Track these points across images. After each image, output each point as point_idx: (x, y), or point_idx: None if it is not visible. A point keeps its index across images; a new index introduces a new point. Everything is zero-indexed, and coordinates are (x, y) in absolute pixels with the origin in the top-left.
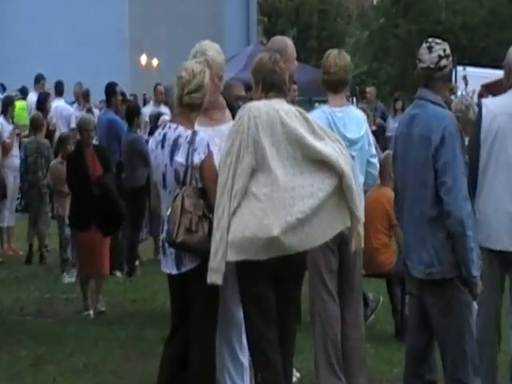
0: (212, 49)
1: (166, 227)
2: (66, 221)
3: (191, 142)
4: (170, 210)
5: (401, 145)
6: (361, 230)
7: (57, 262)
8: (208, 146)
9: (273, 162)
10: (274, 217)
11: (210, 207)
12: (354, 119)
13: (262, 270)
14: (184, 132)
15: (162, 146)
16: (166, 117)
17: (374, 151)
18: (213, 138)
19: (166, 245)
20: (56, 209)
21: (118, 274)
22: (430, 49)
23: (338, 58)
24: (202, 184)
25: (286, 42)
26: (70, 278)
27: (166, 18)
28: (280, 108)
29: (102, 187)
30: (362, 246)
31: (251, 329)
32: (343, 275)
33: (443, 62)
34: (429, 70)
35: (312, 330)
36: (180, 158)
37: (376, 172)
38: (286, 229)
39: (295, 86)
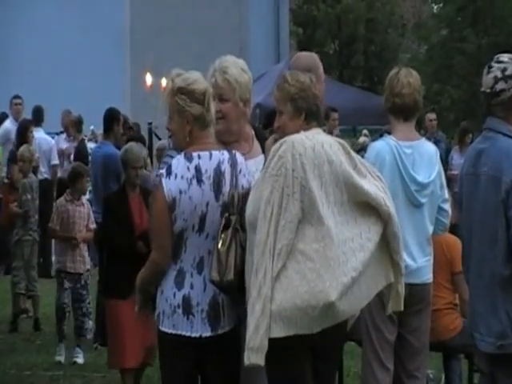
0: (235, 66)
1: (212, 265)
2: (67, 284)
3: (233, 163)
4: (220, 245)
5: (466, 188)
6: (401, 287)
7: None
8: (247, 166)
9: (323, 211)
10: (329, 278)
11: None
12: (425, 156)
13: (304, 344)
14: (221, 155)
15: (199, 182)
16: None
17: (446, 195)
18: None
19: (197, 300)
20: (62, 263)
21: None
22: (488, 68)
23: (410, 76)
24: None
25: (316, 59)
26: (77, 358)
27: (176, 28)
28: (324, 141)
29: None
30: (402, 308)
31: None
32: (402, 342)
33: (499, 86)
34: (485, 94)
35: None
36: (228, 186)
37: (447, 220)
38: (341, 292)
39: (335, 114)
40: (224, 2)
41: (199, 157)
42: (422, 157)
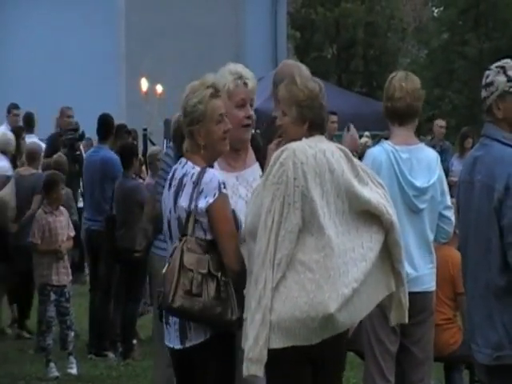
0: (249, 73)
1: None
2: (53, 296)
3: (197, 181)
4: (165, 267)
5: (462, 196)
6: (404, 299)
7: (31, 339)
8: (220, 186)
9: (324, 221)
10: (329, 290)
11: (218, 265)
12: (423, 161)
13: (303, 356)
14: (191, 169)
15: (169, 186)
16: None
17: (448, 202)
18: (237, 187)
19: None
20: (47, 276)
21: (111, 355)
22: (486, 75)
23: (404, 81)
24: (213, 236)
25: (301, 68)
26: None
27: (172, 33)
28: (326, 148)
29: None
30: (406, 320)
31: None
32: (406, 353)
33: (483, 94)
34: (482, 101)
35: None
36: (183, 201)
37: (450, 228)
38: (342, 303)
39: (334, 117)
40: (221, 5)
41: (180, 162)
42: (421, 162)
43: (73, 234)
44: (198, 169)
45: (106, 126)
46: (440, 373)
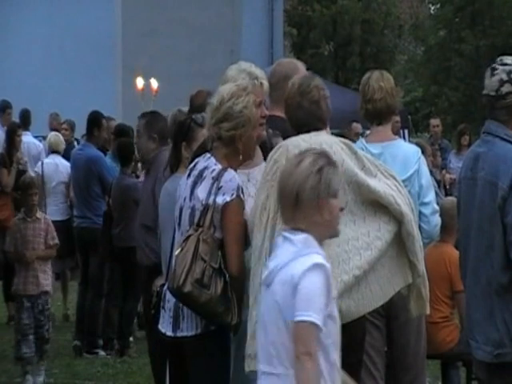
0: (263, 73)
1: (170, 271)
2: (26, 303)
3: (217, 177)
4: (178, 251)
5: (464, 192)
6: (424, 289)
7: None
8: (238, 189)
9: None
10: None
11: (226, 263)
12: (399, 157)
13: None
14: (213, 164)
15: (189, 176)
16: None
17: (425, 198)
18: (246, 186)
19: (168, 296)
20: (16, 285)
21: (102, 353)
22: (492, 71)
23: (381, 80)
24: (222, 234)
25: (297, 66)
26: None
27: (167, 30)
28: (323, 141)
29: None
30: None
31: None
32: (394, 356)
33: (505, 89)
34: (489, 97)
35: None
36: (200, 193)
37: (428, 226)
38: (342, 290)
39: None
40: (217, 3)
41: (204, 156)
42: (395, 157)
43: (53, 242)
44: (219, 166)
45: (91, 124)
46: (437, 370)
